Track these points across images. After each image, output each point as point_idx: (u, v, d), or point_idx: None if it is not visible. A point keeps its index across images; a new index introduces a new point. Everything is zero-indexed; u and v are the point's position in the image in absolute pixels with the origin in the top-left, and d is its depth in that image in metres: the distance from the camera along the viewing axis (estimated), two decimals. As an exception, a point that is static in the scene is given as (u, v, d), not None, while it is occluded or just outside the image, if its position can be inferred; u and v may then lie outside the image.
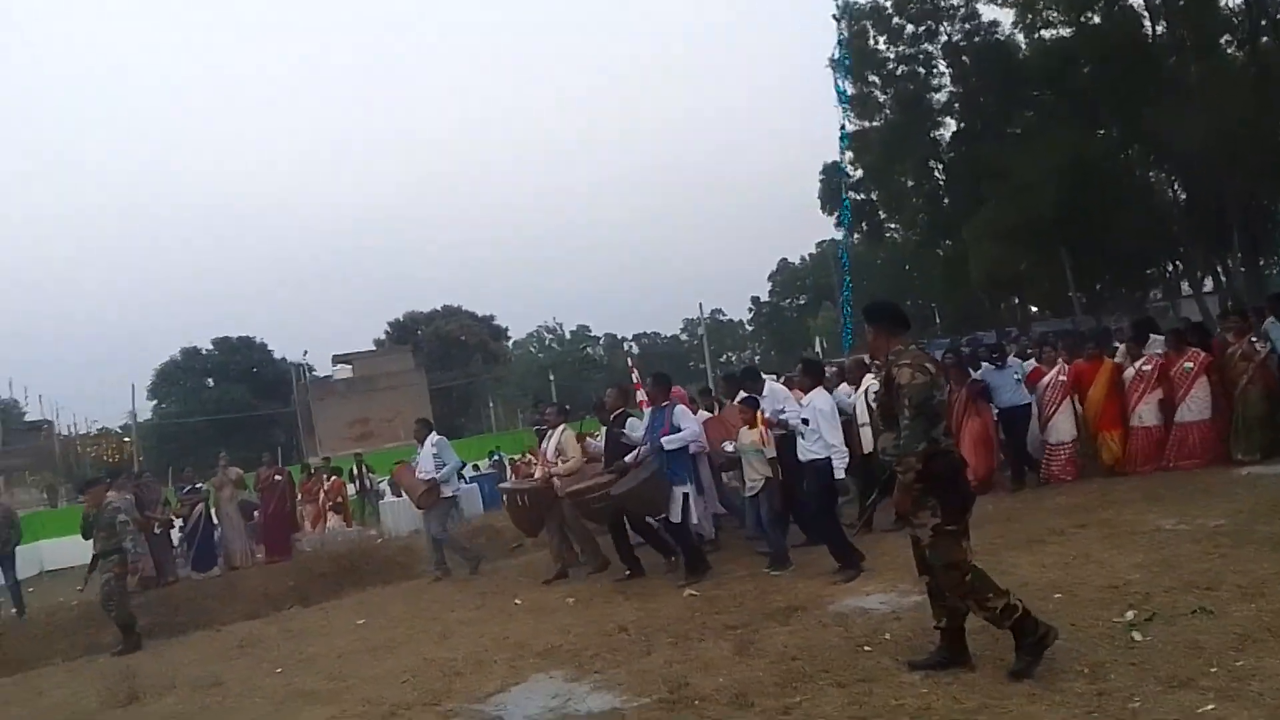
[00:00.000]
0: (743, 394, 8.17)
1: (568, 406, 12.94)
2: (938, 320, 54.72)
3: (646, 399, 9.54)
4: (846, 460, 7.28)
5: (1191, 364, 9.46)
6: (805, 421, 7.26)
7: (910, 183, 33.31)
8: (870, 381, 9.03)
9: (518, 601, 8.11)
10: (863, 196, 35.46)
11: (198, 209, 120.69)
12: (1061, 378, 10.01)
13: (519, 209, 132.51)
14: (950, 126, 32.50)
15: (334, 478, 14.82)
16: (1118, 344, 11.29)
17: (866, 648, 5.12)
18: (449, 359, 61.16)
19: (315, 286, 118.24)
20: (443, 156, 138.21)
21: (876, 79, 31.11)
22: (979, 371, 10.45)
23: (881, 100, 31.31)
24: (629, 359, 13.74)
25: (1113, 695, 4.00)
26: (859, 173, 33.81)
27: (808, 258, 68.82)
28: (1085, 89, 28.11)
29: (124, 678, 7.24)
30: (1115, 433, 9.80)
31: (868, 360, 11.41)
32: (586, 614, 7.17)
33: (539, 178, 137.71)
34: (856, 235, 40.84)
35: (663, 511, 7.77)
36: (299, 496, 14.02)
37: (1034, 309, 39.66)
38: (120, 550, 9.11)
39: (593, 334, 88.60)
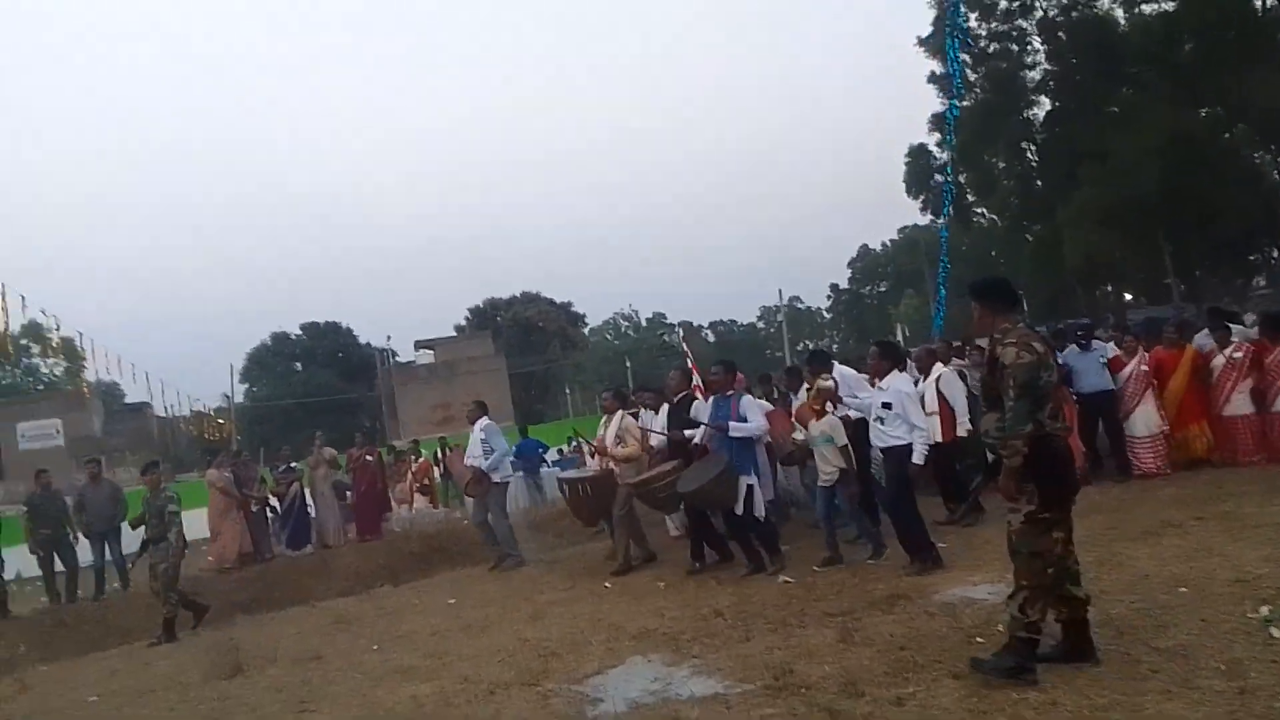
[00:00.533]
0: (821, 380, 7.84)
1: (627, 390, 12.82)
2: (1026, 307, 53.36)
3: (702, 385, 9.34)
4: (930, 443, 7.03)
5: None
6: (887, 406, 6.87)
7: (1001, 164, 32.39)
8: (942, 370, 8.83)
9: (608, 585, 8.07)
10: (950, 179, 34.61)
11: (288, 199, 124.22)
12: (1143, 367, 9.47)
13: (597, 196, 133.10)
14: (1044, 106, 31.59)
15: (421, 459, 15.02)
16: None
17: (979, 639, 4.91)
18: (528, 345, 61.87)
19: (399, 273, 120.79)
20: (522, 143, 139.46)
21: (967, 57, 30.21)
22: (1062, 354, 9.80)
23: (973, 79, 30.44)
24: (683, 343, 13.29)
25: (1255, 694, 3.76)
26: (947, 154, 32.96)
27: (889, 244, 67.67)
28: (1188, 64, 26.92)
29: (227, 650, 7.42)
30: (1201, 424, 9.34)
31: (962, 343, 11.09)
32: (679, 598, 7.08)
33: (616, 164, 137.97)
34: (941, 219, 39.96)
35: (730, 505, 7.52)
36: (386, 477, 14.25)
37: (1128, 297, 38.29)
38: (166, 539, 9.13)
39: (669, 321, 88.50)
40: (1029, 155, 32.27)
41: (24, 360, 64.61)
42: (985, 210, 36.75)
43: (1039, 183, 32.00)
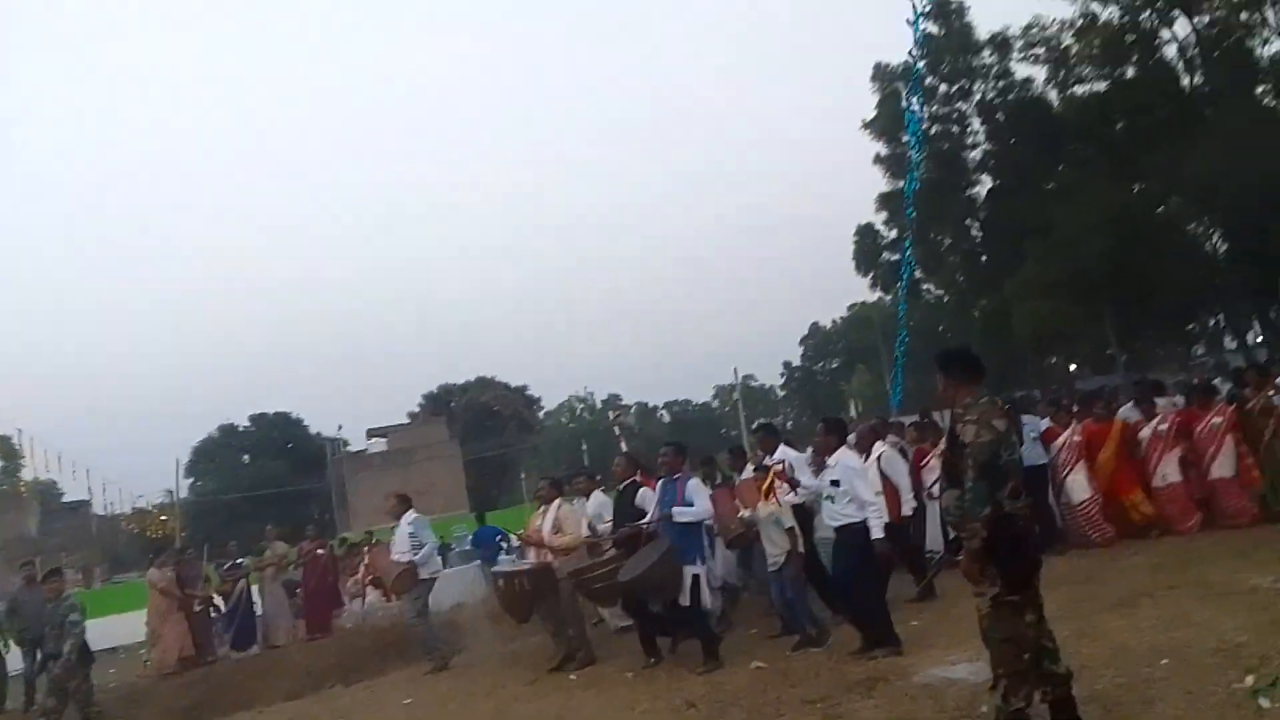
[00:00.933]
0: (759, 461, 7.81)
1: (563, 478, 12.46)
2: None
3: (638, 472, 8.42)
4: (885, 519, 6.85)
5: (1220, 419, 9.26)
6: (835, 483, 6.59)
7: (948, 240, 33.18)
8: (882, 448, 8.77)
9: (573, 677, 7.73)
10: (897, 257, 35.36)
11: (232, 287, 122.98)
12: (1076, 437, 9.60)
13: (552, 278, 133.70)
14: (986, 183, 32.46)
15: (373, 548, 14.52)
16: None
17: (964, 721, 4.74)
18: (483, 430, 61.21)
19: (349, 361, 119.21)
20: (473, 229, 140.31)
21: (910, 139, 31.20)
22: None
23: (917, 160, 31.35)
24: (615, 426, 12.73)
25: (1255, 770, 3.61)
26: (893, 233, 33.75)
27: (839, 320, 68.65)
28: (1123, 141, 28.01)
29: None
30: (1138, 493, 9.45)
31: (920, 415, 11.08)
32: (650, 688, 6.78)
33: (570, 248, 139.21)
34: (889, 295, 40.71)
35: (673, 595, 7.06)
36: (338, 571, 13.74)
37: (1073, 367, 39.07)
38: (62, 653, 8.41)
39: (624, 402, 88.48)
40: (973, 232, 33.16)
41: (-42, 460, 62.47)
42: (932, 286, 37.50)
43: (984, 258, 32.81)
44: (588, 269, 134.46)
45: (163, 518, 35.60)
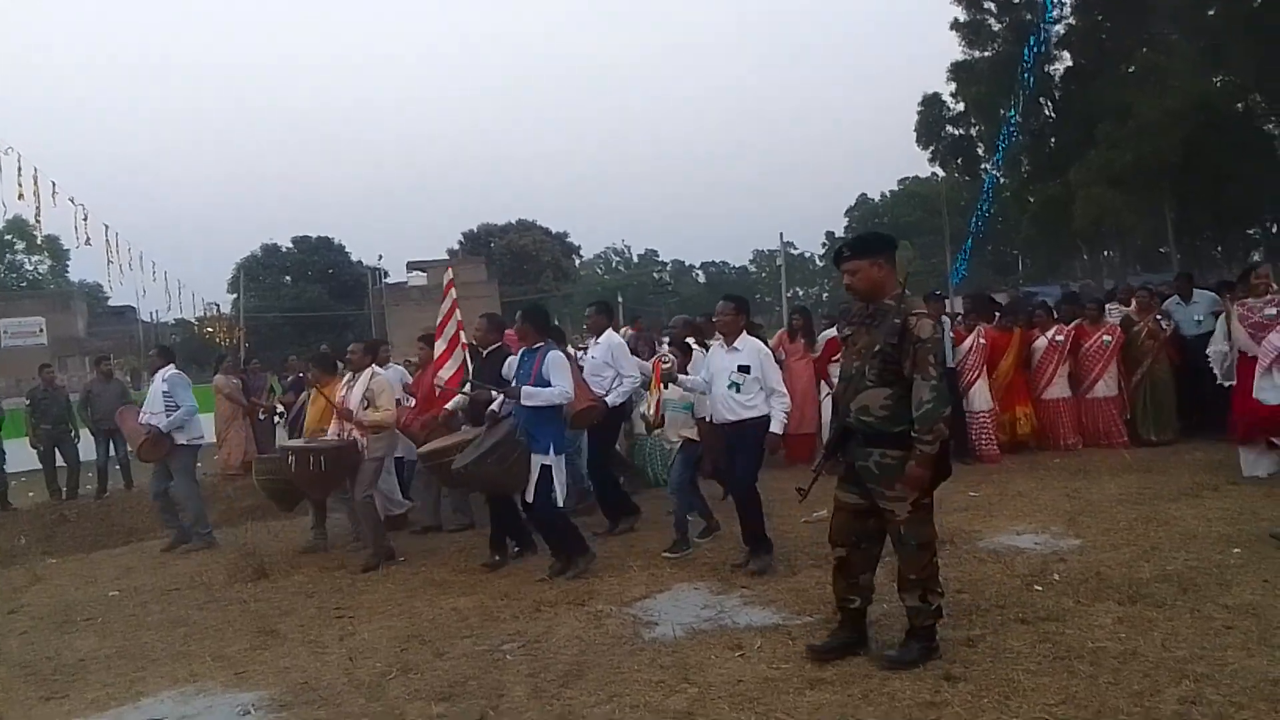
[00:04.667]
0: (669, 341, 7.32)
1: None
2: (1020, 268, 53.26)
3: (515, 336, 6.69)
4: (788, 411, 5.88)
5: (1110, 338, 9.23)
6: (745, 369, 5.68)
7: (1018, 119, 31.94)
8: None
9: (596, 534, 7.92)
10: (961, 132, 34.20)
11: (286, 110, 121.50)
12: (981, 340, 9.28)
13: (598, 126, 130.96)
14: (1066, 61, 30.92)
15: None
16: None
17: (1038, 587, 4.88)
18: (520, 273, 61.35)
19: (393, 193, 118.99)
20: (524, 69, 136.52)
21: (992, 5, 29.63)
22: None
23: (995, 29, 29.87)
24: (450, 271, 8.70)
25: (1337, 657, 3.72)
26: (960, 106, 32.53)
27: (888, 194, 67.20)
28: (1213, 29, 26.48)
29: (248, 554, 7.35)
30: (1026, 406, 9.38)
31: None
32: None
33: (618, 97, 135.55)
34: (944, 172, 39.61)
35: (515, 489, 6.04)
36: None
37: (1113, 259, 38.22)
38: None
39: (660, 259, 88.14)
40: (1046, 112, 31.85)
41: (7, 256, 63.70)
42: (990, 166, 36.44)
43: (1053, 140, 31.65)
44: (636, 117, 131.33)
45: (235, 327, 36.29)
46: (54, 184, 10.02)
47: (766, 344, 6.53)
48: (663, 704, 3.75)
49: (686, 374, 6.34)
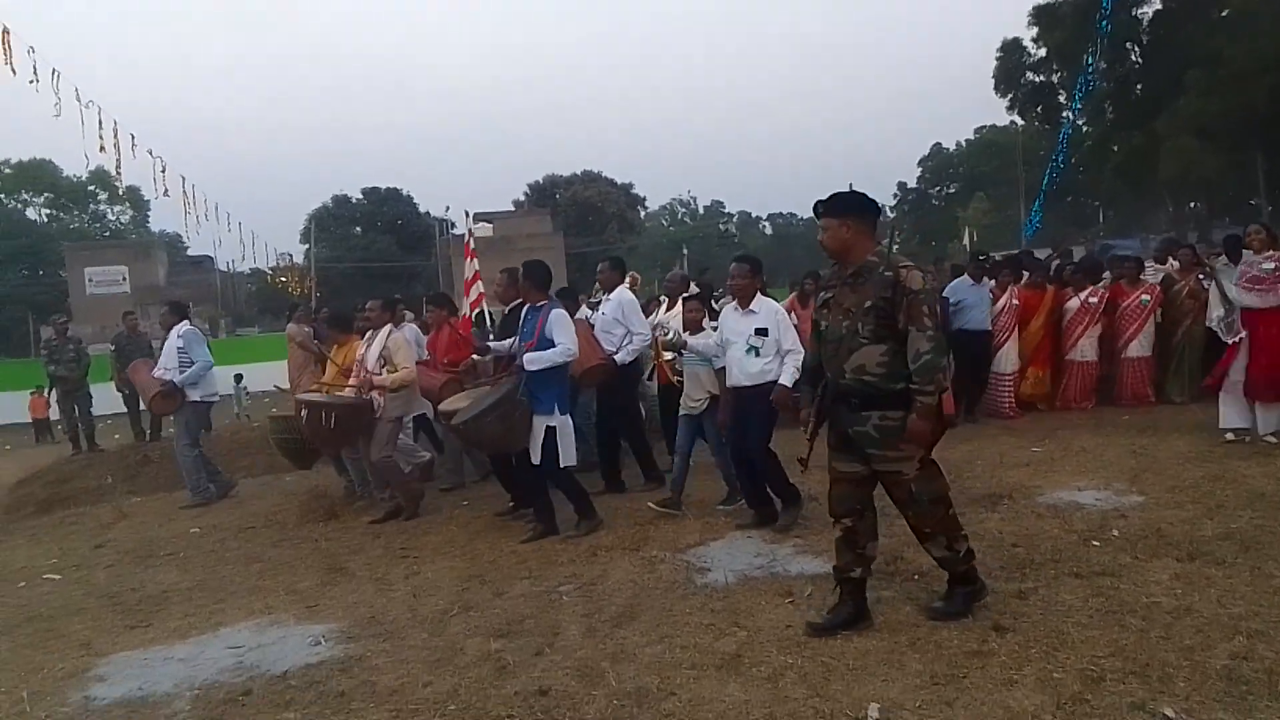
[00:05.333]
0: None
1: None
2: (1101, 220, 51.55)
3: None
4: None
5: (1149, 297, 9.04)
6: (762, 332, 5.51)
7: (1102, 64, 30.70)
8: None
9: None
10: (1042, 79, 33.05)
11: (358, 61, 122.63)
12: (1014, 301, 9.10)
13: (663, 76, 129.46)
14: (1155, 4, 29.54)
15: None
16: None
17: (1095, 542, 4.84)
18: (585, 225, 61.37)
19: (458, 144, 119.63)
20: (592, 22, 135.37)
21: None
22: (949, 286, 9.25)
23: (1080, -30, 28.62)
24: (469, 232, 8.19)
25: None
26: (1042, 51, 31.38)
27: (964, 144, 65.36)
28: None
29: (319, 495, 7.64)
30: (1041, 370, 9.23)
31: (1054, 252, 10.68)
32: (768, 480, 7.04)
33: (684, 47, 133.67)
34: (1023, 121, 38.37)
35: (518, 447, 5.85)
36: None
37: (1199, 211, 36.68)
38: None
39: (726, 210, 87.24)
40: (1133, 58, 30.53)
41: (91, 206, 65.83)
42: (1071, 115, 35.17)
43: (1139, 87, 30.39)
44: (702, 66, 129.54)
45: (307, 276, 37.23)
46: (133, 136, 10.35)
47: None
48: (712, 646, 3.84)
49: (703, 329, 6.15)
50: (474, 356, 6.61)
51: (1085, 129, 34.13)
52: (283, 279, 40.79)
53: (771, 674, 3.52)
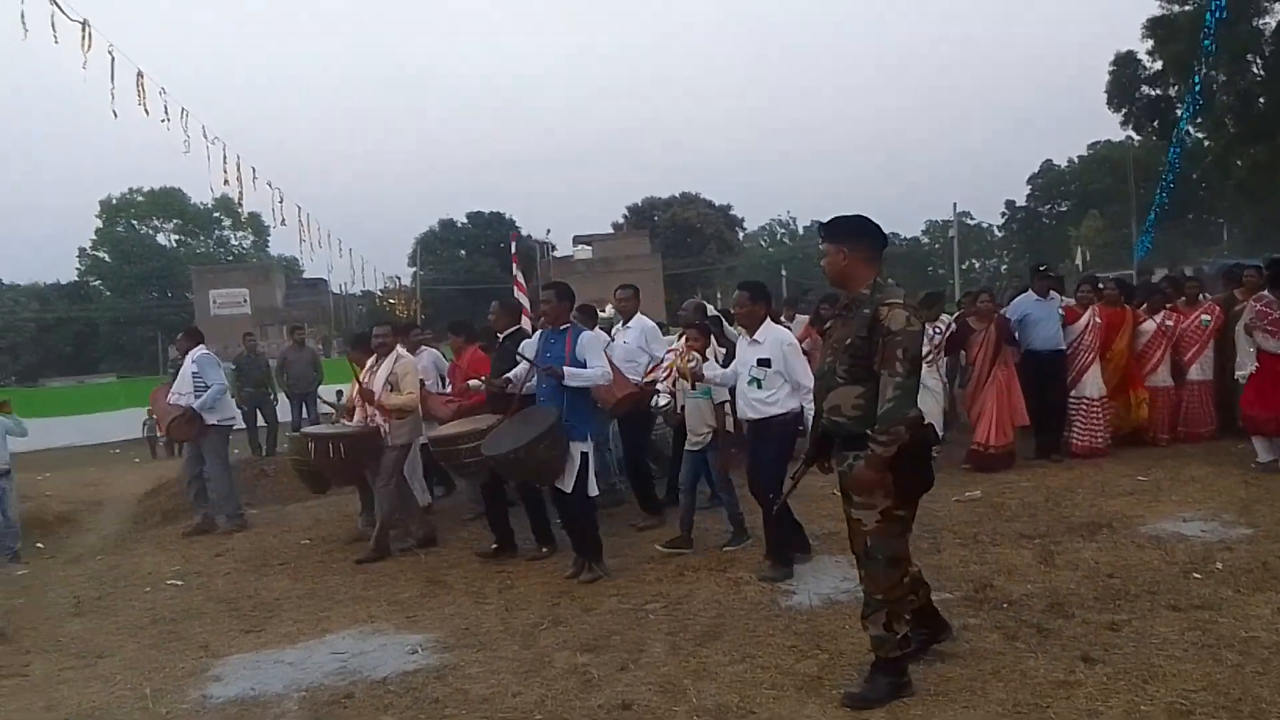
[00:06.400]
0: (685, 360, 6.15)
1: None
2: (1225, 238, 49.12)
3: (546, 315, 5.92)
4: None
5: (1209, 317, 8.56)
6: (765, 363, 5.28)
7: (1222, 77, 29.38)
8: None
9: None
10: (1158, 92, 31.81)
11: (452, 86, 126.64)
12: (1097, 319, 8.42)
13: (761, 99, 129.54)
14: (1277, 15, 28.18)
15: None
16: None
17: (1196, 575, 4.70)
18: (683, 246, 61.72)
19: (560, 168, 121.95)
20: (689, 48, 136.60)
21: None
22: (1013, 303, 8.75)
23: (1198, -19, 27.49)
24: (513, 245, 8.68)
25: None
26: (1158, 64, 30.25)
27: (1075, 160, 63.23)
28: None
29: (419, 517, 7.90)
30: (1140, 391, 8.58)
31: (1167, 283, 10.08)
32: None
33: (784, 70, 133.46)
34: (1138, 136, 36.98)
35: (554, 478, 5.57)
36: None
37: None
38: None
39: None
40: (1254, 69, 29.15)
41: (216, 232, 69.51)
42: (1192, 129, 33.70)
43: (1262, 100, 28.95)
44: (802, 87, 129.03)
45: (413, 299, 38.53)
46: (254, 169, 10.99)
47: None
48: (793, 668, 3.89)
49: (706, 359, 5.89)
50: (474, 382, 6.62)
51: (1206, 143, 32.71)
52: (391, 300, 42.26)
53: (851, 697, 3.55)
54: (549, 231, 72.53)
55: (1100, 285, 9.02)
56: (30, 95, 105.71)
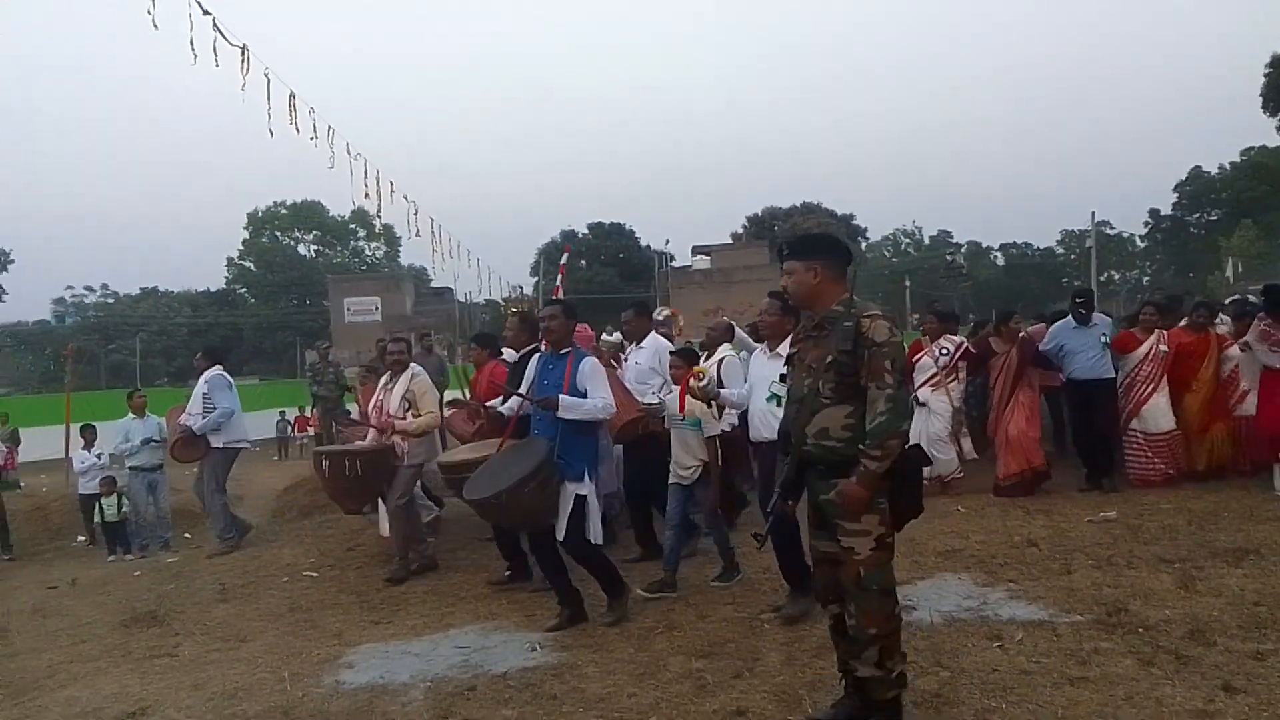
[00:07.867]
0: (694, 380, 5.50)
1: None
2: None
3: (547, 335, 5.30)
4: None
5: None
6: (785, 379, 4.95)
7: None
8: (727, 351, 6.25)
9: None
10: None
11: (583, 105, 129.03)
12: (1163, 347, 7.73)
13: (887, 104, 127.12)
14: None
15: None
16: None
17: (1355, 607, 4.39)
18: (804, 257, 61.04)
19: (680, 178, 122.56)
20: (809, 57, 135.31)
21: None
22: (1050, 331, 8.23)
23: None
24: (564, 254, 8.01)
25: None
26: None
27: (1227, 166, 59.57)
28: None
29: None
30: (1222, 425, 7.70)
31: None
32: (983, 523, 6.82)
33: (909, 75, 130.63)
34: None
35: (544, 523, 4.97)
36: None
37: None
38: None
39: (954, 240, 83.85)
40: None
41: (351, 243, 72.69)
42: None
43: None
44: (930, 91, 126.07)
45: (539, 309, 39.45)
46: (391, 183, 11.43)
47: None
48: (912, 684, 3.79)
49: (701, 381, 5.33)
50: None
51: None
52: (514, 309, 43.32)
53: (972, 716, 3.47)
54: (667, 242, 73.15)
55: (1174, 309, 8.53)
56: (191, 117, 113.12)
